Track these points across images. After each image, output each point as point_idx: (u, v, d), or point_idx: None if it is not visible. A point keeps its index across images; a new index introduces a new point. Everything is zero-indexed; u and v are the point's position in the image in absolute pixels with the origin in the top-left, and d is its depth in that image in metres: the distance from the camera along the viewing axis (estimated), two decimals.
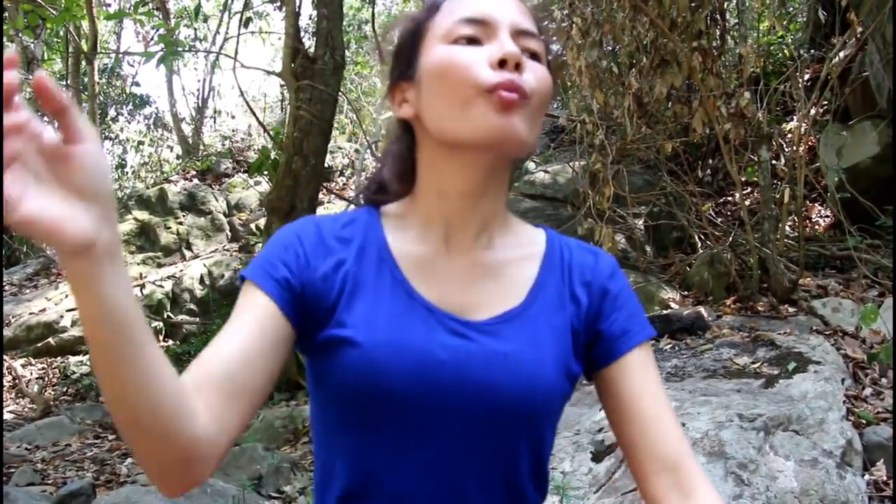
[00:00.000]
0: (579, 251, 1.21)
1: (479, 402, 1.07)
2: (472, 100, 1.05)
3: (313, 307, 1.09)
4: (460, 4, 1.10)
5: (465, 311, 1.11)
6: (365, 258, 1.13)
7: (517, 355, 1.08)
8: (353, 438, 1.10)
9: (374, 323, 1.08)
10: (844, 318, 4.17)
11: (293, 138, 5.44)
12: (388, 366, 1.05)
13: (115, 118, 13.22)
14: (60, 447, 5.46)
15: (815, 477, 2.70)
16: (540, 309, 1.14)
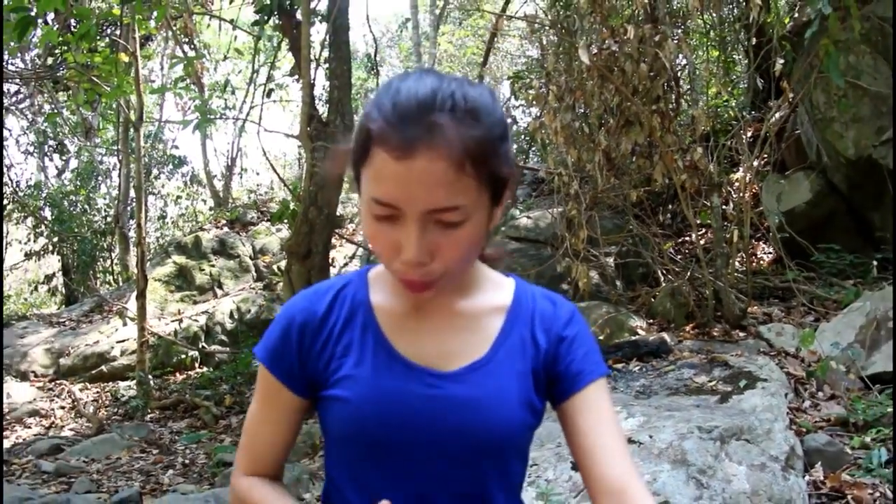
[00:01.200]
0: (542, 300, 1.18)
1: (451, 443, 1.09)
2: (393, 273, 1.03)
3: (315, 376, 1.15)
4: (376, 174, 0.97)
5: (438, 362, 1.12)
6: (352, 324, 1.15)
7: (483, 401, 1.09)
8: (353, 471, 1.15)
9: (359, 381, 1.11)
10: (786, 340, 4.18)
11: (309, 191, 5.47)
12: (372, 417, 1.10)
13: (157, 176, 13.26)
14: (112, 460, 5.42)
15: (763, 479, 2.69)
16: (504, 356, 1.13)
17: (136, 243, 7.99)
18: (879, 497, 2.69)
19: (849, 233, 5.49)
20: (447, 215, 0.97)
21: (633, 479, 1.06)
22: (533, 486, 2.57)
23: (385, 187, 0.95)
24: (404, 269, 1.00)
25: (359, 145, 0.99)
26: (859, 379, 3.64)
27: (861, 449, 3.03)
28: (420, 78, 0.98)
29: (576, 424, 1.11)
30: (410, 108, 0.94)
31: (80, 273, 11.69)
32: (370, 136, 0.96)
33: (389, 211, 0.97)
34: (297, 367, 1.15)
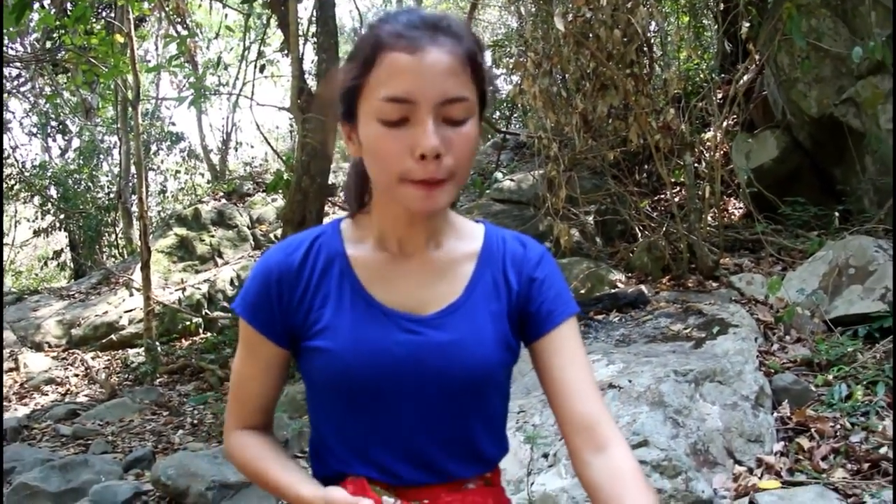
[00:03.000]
0: (512, 242, 1.18)
1: (433, 385, 1.09)
2: (402, 185, 1.01)
3: (295, 327, 1.13)
4: (388, 74, 0.98)
5: (415, 308, 1.11)
6: (328, 274, 1.13)
7: (461, 342, 1.09)
8: (338, 421, 1.13)
9: (338, 331, 1.10)
10: (756, 289, 4.23)
11: (301, 161, 5.44)
12: (354, 365, 1.08)
13: (156, 152, 13.14)
14: (125, 423, 5.46)
15: (735, 417, 2.74)
16: (478, 298, 1.13)
17: (138, 217, 7.94)
18: (839, 429, 2.75)
19: (813, 187, 5.53)
20: (455, 109, 0.99)
21: (604, 415, 1.07)
22: (520, 431, 2.61)
23: (399, 82, 0.97)
24: (420, 168, 0.99)
25: (363, 55, 1.00)
26: (823, 322, 3.69)
27: (824, 386, 3.09)
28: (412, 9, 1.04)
29: (548, 363, 1.11)
30: (415, 20, 1.00)
31: (86, 248, 11.64)
32: (379, 42, 0.98)
33: (402, 109, 0.98)
34: (276, 319, 1.12)
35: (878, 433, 2.67)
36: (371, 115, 1.00)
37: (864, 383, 3.00)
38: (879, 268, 3.72)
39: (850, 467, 2.53)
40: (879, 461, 2.50)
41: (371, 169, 1.05)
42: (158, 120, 13.43)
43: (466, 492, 1.15)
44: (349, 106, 1.04)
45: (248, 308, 1.13)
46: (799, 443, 2.72)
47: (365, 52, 1.00)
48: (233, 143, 14.55)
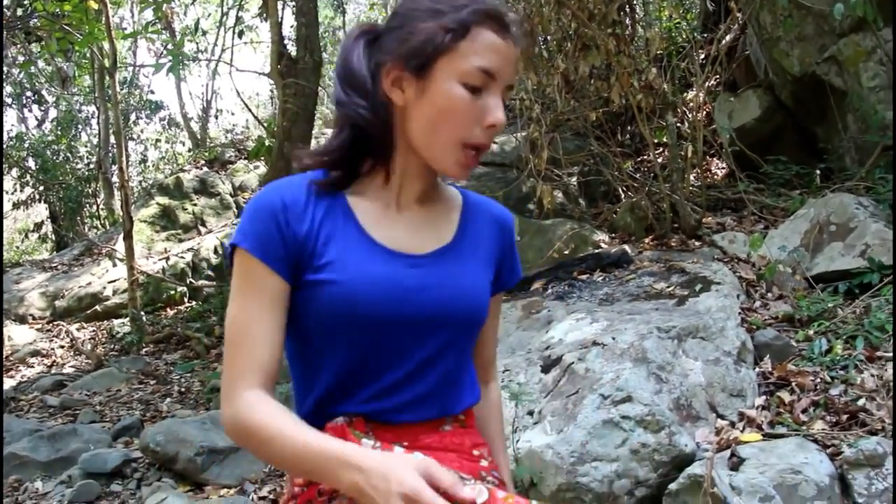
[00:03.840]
0: (491, 204, 1.35)
1: (437, 317, 1.17)
2: (456, 148, 1.12)
3: (298, 262, 1.13)
4: (483, 47, 1.10)
5: (413, 248, 1.19)
6: (331, 214, 1.16)
7: (458, 278, 1.20)
8: (334, 357, 1.15)
9: (346, 264, 1.13)
10: (738, 247, 4.25)
11: (283, 127, 5.40)
12: (366, 296, 1.12)
13: (135, 121, 12.98)
14: (113, 392, 5.46)
15: (717, 372, 2.78)
16: (466, 244, 1.25)
17: (119, 187, 7.86)
18: (819, 382, 2.79)
19: (795, 146, 5.54)
20: (507, 94, 1.16)
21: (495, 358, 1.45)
22: (505, 389, 2.63)
23: (491, 58, 1.10)
24: (484, 135, 1.13)
25: (459, 22, 1.10)
26: (804, 279, 3.73)
27: (805, 341, 3.13)
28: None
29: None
30: (503, 12, 1.13)
31: (67, 219, 11.53)
32: (476, 16, 1.10)
33: (485, 81, 1.11)
34: (283, 251, 1.12)
35: (856, 386, 2.71)
36: (454, 76, 1.10)
37: (844, 338, 3.04)
38: (860, 224, 3.75)
39: (829, 419, 2.58)
40: (857, 413, 2.55)
41: (431, 123, 1.12)
42: (137, 88, 13.24)
43: (444, 433, 1.21)
44: (430, 59, 1.11)
45: (253, 241, 1.12)
46: (780, 396, 2.76)
47: (462, 18, 1.10)
48: (213, 110, 14.39)
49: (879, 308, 3.18)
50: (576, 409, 2.58)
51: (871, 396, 2.62)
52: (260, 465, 3.45)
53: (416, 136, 1.14)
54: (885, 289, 3.36)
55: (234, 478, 3.39)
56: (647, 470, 2.36)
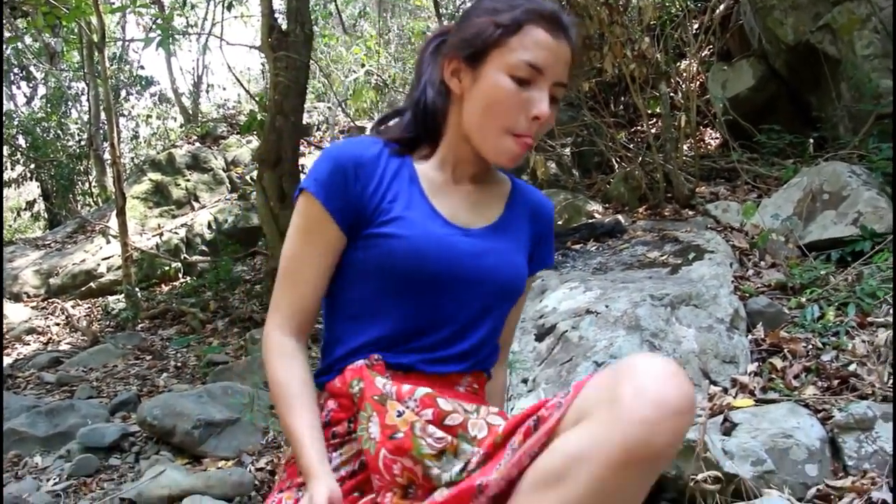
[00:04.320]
0: (534, 193, 1.44)
1: (485, 282, 1.26)
2: (502, 136, 1.21)
3: (362, 215, 1.23)
4: (533, 43, 1.18)
5: (465, 223, 1.28)
6: (399, 176, 1.27)
7: (504, 253, 1.29)
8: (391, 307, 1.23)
9: (411, 222, 1.23)
10: (732, 216, 4.26)
11: (274, 101, 5.36)
12: (426, 252, 1.21)
13: (126, 98, 12.88)
14: (109, 368, 5.47)
15: (710, 339, 2.80)
16: (510, 224, 1.34)
17: (111, 164, 7.82)
18: (811, 348, 2.82)
19: (788, 115, 5.53)
20: (559, 90, 1.23)
21: (510, 342, 1.51)
22: None
23: (541, 55, 1.18)
24: (528, 125, 1.20)
25: (513, 18, 1.19)
26: (797, 247, 3.75)
27: (797, 309, 3.15)
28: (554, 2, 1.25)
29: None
30: (558, 12, 1.21)
31: (59, 197, 11.47)
32: (530, 15, 1.19)
33: (531, 74, 1.18)
34: (348, 202, 1.22)
35: (847, 351, 2.74)
36: (503, 68, 1.19)
37: (836, 305, 3.06)
38: (852, 193, 3.76)
39: (820, 384, 2.60)
40: (848, 378, 2.58)
41: (481, 111, 1.21)
42: (126, 64, 13.10)
43: (458, 393, 1.27)
44: (480, 52, 1.21)
45: (322, 187, 1.22)
46: (772, 363, 2.79)
47: (515, 16, 1.19)
48: (204, 85, 14.26)
49: (871, 275, 3.20)
50: (570, 376, 2.60)
51: (862, 362, 2.65)
52: (257, 437, 3.47)
53: (468, 123, 1.24)
54: (876, 256, 3.38)
55: (232, 450, 3.41)
56: None
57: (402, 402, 1.14)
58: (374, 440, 1.12)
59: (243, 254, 7.73)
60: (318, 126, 10.20)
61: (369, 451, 1.12)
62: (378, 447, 1.11)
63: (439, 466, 1.07)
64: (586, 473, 0.91)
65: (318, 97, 11.53)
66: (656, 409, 0.89)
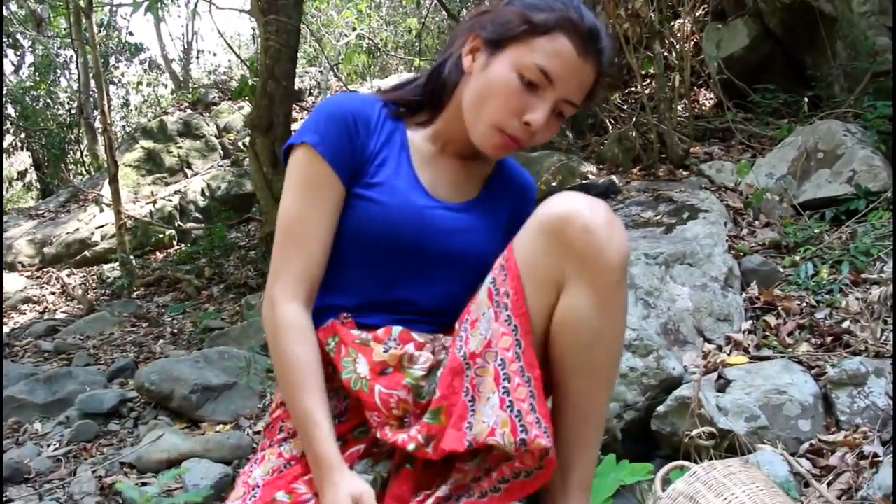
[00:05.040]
0: (518, 170, 1.44)
1: (457, 258, 1.26)
2: (491, 129, 1.20)
3: (357, 171, 1.23)
4: (554, 51, 1.15)
5: (445, 197, 1.29)
6: (391, 141, 1.26)
7: (480, 230, 1.29)
8: (361, 269, 1.24)
9: (393, 190, 1.22)
10: (726, 176, 4.24)
11: (265, 65, 5.29)
12: (402, 223, 1.21)
13: (115, 65, 12.72)
14: (106, 336, 5.48)
15: (704, 297, 2.80)
16: (489, 202, 1.34)
17: (102, 132, 7.73)
18: (805, 306, 2.82)
19: (783, 74, 5.48)
20: (566, 107, 1.20)
21: None
22: None
23: (557, 65, 1.15)
24: (517, 128, 1.18)
25: (544, 20, 1.15)
26: (791, 206, 3.74)
27: (791, 267, 3.15)
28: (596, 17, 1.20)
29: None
30: (595, 30, 1.17)
31: (51, 166, 11.39)
32: (563, 23, 1.15)
33: (542, 81, 1.16)
34: (348, 157, 1.21)
35: (841, 309, 2.75)
36: (514, 63, 1.16)
37: (830, 263, 3.07)
38: (847, 151, 3.75)
39: (814, 341, 2.62)
40: (841, 335, 2.59)
41: (477, 97, 1.20)
42: (115, 30, 12.92)
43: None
44: (501, 40, 1.18)
45: (323, 142, 1.20)
46: (766, 321, 2.80)
47: (548, 19, 1.15)
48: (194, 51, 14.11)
49: (865, 233, 3.20)
50: None
51: (855, 319, 2.66)
52: (254, 401, 3.49)
53: (465, 104, 1.23)
54: (871, 214, 3.38)
55: (230, 414, 3.43)
56: (636, 393, 2.40)
57: (383, 343, 1.19)
58: (364, 379, 1.15)
59: (237, 220, 7.69)
60: (310, 91, 10.08)
61: (362, 391, 1.15)
62: (371, 384, 1.15)
63: (428, 382, 1.16)
64: (611, 323, 1.11)
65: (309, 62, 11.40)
66: (608, 230, 1.07)
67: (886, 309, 2.63)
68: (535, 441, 1.03)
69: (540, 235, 1.11)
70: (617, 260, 1.07)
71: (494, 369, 1.08)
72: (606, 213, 1.09)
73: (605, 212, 1.09)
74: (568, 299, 1.10)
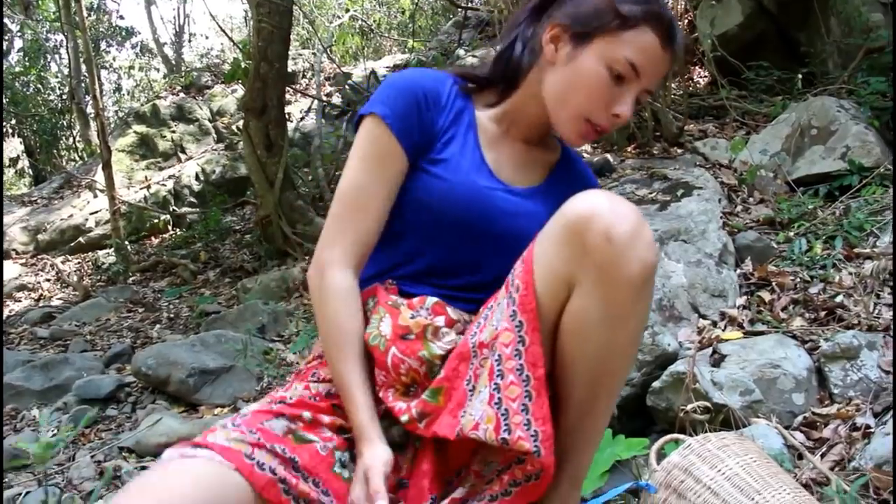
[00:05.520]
0: (583, 164, 1.43)
1: (507, 239, 1.25)
2: (578, 119, 1.21)
3: (422, 146, 1.23)
4: (642, 45, 1.17)
5: (509, 179, 1.29)
6: (460, 120, 1.27)
7: (536, 216, 1.25)
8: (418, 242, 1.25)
9: (458, 168, 1.23)
10: (720, 153, 4.24)
11: (258, 47, 5.26)
12: (463, 201, 1.22)
13: (107, 49, 12.64)
14: (102, 322, 5.47)
15: (699, 273, 2.82)
16: (552, 190, 1.32)
17: (94, 117, 7.69)
18: (799, 281, 2.84)
19: (777, 51, 5.47)
20: (646, 96, 1.23)
21: None
22: None
23: (644, 59, 1.17)
24: (605, 119, 1.20)
25: (633, 14, 1.17)
26: (785, 183, 3.75)
27: (785, 243, 3.17)
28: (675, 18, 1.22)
29: None
30: (673, 20, 1.19)
31: (43, 152, 11.34)
32: (650, 18, 1.17)
33: (629, 74, 1.17)
34: (416, 133, 1.21)
35: (834, 284, 2.76)
36: (603, 57, 1.17)
37: (824, 238, 3.08)
38: (840, 127, 3.75)
39: (807, 316, 2.63)
40: (835, 309, 2.60)
41: (565, 88, 1.20)
42: (105, 14, 12.83)
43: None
44: (589, 32, 1.19)
45: (393, 112, 1.20)
46: (760, 296, 2.81)
47: (635, 11, 1.17)
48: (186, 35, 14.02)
49: (859, 209, 3.21)
50: None
51: (848, 293, 2.67)
52: (252, 384, 3.50)
53: (550, 93, 1.23)
54: (864, 190, 3.39)
55: (227, 397, 3.44)
56: (631, 370, 2.41)
57: (413, 309, 1.21)
58: (384, 337, 1.18)
59: (232, 204, 7.68)
60: (303, 73, 10.03)
61: (378, 347, 1.17)
62: (388, 345, 1.17)
63: (443, 362, 1.17)
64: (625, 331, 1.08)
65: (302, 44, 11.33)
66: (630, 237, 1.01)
67: (879, 283, 2.65)
68: (517, 443, 1.00)
69: (560, 232, 1.06)
70: (637, 274, 1.01)
71: (491, 364, 1.07)
72: (633, 220, 1.02)
73: (633, 219, 1.02)
74: (579, 302, 1.06)
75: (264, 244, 5.94)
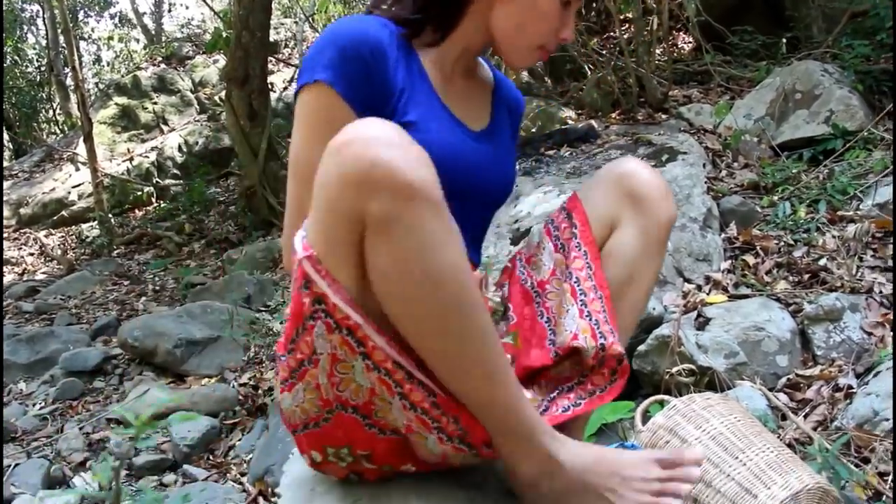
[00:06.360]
0: (511, 88, 1.42)
1: (489, 190, 1.27)
2: (532, 48, 1.23)
3: (376, 105, 1.09)
4: None
5: (467, 122, 1.24)
6: (410, 68, 1.16)
7: (503, 157, 1.29)
8: None
9: (430, 129, 1.13)
10: (705, 118, 4.23)
11: (239, 16, 5.18)
12: (443, 164, 1.06)
13: (85, 20, 12.41)
14: (87, 295, 5.44)
15: (684, 238, 2.81)
16: (499, 124, 1.33)
17: (74, 89, 7.57)
18: (783, 245, 2.85)
19: (762, 16, 5.44)
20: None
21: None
22: None
23: None
24: (555, 43, 1.23)
25: None
26: (769, 148, 3.75)
27: (769, 207, 3.17)
28: None
29: None
30: None
31: (23, 125, 11.17)
32: None
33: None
34: (365, 90, 1.07)
35: (818, 247, 2.77)
36: None
37: (807, 202, 3.08)
38: (825, 91, 3.74)
39: (791, 279, 2.64)
40: (819, 272, 2.61)
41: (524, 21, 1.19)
42: None
43: None
44: None
45: (339, 75, 1.05)
46: (745, 260, 2.81)
47: None
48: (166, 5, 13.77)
49: (842, 172, 3.22)
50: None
51: (831, 256, 2.68)
52: (239, 354, 3.49)
53: (501, 27, 1.20)
54: (847, 153, 3.39)
55: (214, 367, 3.43)
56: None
57: None
58: None
59: (216, 175, 7.61)
60: (285, 42, 9.90)
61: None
62: None
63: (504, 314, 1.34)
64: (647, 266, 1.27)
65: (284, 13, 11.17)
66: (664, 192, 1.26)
67: (862, 246, 2.66)
68: (612, 347, 1.18)
69: (606, 183, 1.28)
70: (666, 218, 1.25)
71: (570, 286, 1.25)
72: (664, 181, 1.27)
73: (663, 180, 1.28)
74: (620, 236, 1.27)
75: (249, 215, 5.90)
